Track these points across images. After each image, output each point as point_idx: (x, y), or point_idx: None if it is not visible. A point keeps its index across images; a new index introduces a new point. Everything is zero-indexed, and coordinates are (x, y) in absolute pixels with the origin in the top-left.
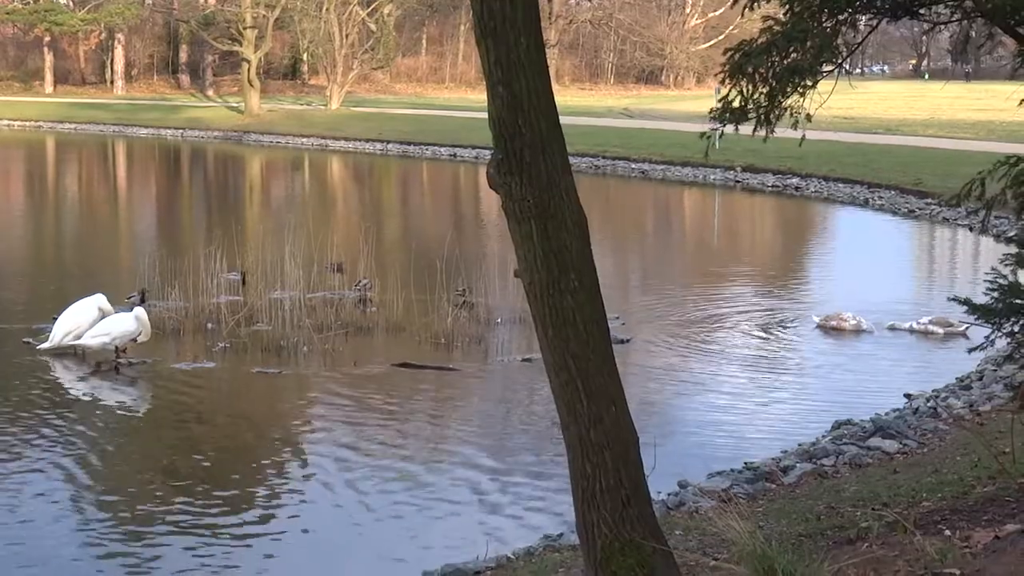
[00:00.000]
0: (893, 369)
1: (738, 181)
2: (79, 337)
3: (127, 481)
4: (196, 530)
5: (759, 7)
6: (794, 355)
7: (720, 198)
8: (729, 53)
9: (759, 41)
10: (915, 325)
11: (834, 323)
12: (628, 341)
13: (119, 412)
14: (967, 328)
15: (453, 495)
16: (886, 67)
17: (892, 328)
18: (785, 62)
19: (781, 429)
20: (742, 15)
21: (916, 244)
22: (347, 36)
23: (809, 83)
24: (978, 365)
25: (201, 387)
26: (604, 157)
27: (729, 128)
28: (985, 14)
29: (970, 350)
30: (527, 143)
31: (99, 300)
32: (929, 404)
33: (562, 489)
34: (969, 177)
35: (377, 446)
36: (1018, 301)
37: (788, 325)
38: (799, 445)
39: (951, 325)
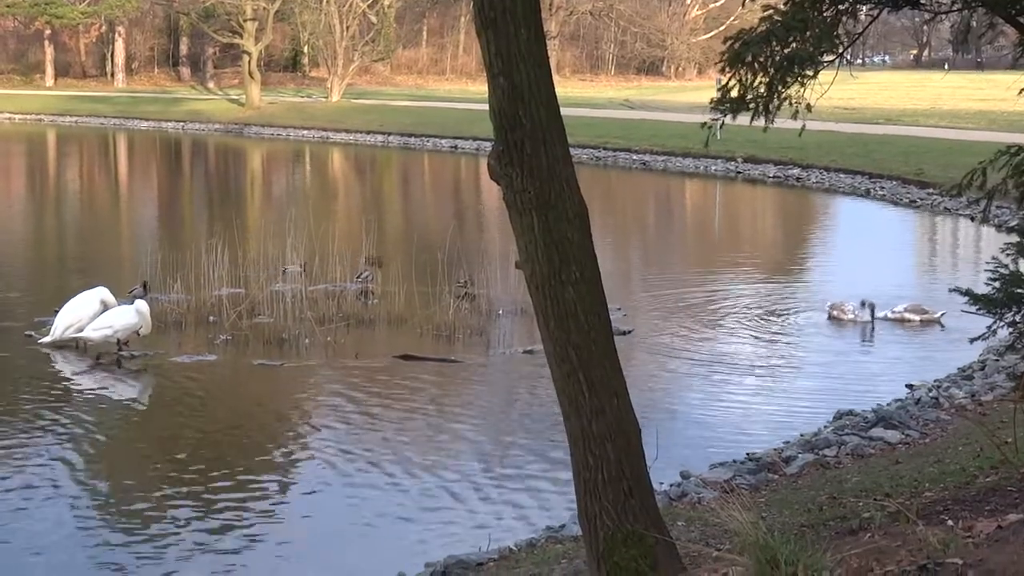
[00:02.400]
0: (895, 359)
1: (739, 172)
2: (81, 330)
3: (128, 474)
4: (198, 522)
5: None
6: (796, 345)
7: (721, 189)
8: (728, 42)
9: (758, 30)
10: (889, 314)
11: (835, 313)
12: (630, 332)
13: (121, 405)
14: (942, 315)
15: (455, 487)
16: (887, 57)
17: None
18: (785, 51)
19: (783, 419)
20: (743, 5)
21: (917, 234)
22: (348, 28)
23: (809, 73)
24: (980, 355)
25: (203, 380)
26: (605, 148)
27: (728, 118)
28: (986, 3)
29: (972, 340)
30: (528, 134)
31: (101, 293)
32: (931, 394)
33: (564, 480)
34: (970, 167)
35: (379, 438)
36: (1019, 291)
37: (790, 315)
38: (801, 435)
39: (926, 312)
